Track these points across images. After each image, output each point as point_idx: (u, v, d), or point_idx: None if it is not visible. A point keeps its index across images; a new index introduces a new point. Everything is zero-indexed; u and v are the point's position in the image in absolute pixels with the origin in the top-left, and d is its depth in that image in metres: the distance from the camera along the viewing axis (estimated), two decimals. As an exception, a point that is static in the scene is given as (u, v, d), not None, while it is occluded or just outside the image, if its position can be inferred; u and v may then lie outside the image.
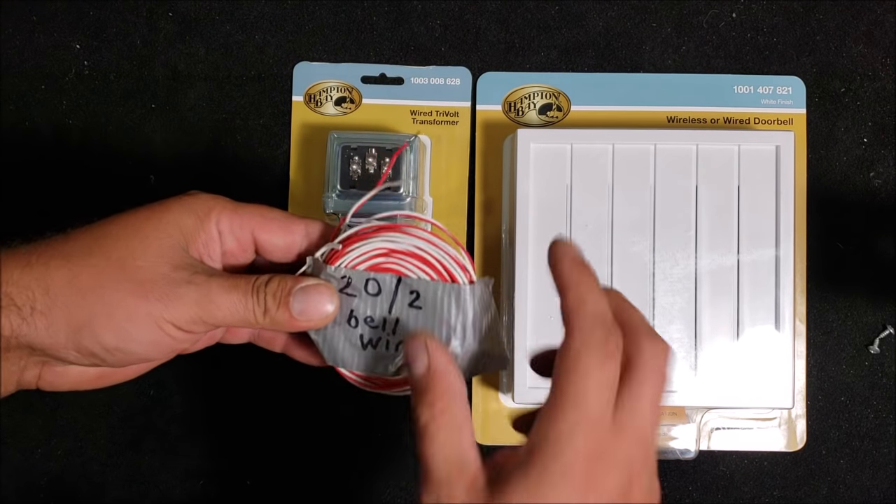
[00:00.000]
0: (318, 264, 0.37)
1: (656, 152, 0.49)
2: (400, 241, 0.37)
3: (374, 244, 0.37)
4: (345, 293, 0.36)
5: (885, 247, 0.52)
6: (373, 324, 0.37)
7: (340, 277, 0.36)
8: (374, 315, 0.37)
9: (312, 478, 0.52)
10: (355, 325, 0.37)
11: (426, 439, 0.31)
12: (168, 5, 0.54)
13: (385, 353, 0.37)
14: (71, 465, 0.52)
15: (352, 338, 0.37)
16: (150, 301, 0.33)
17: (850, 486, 0.52)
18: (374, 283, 0.36)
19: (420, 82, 0.53)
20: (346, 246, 0.37)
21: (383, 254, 0.37)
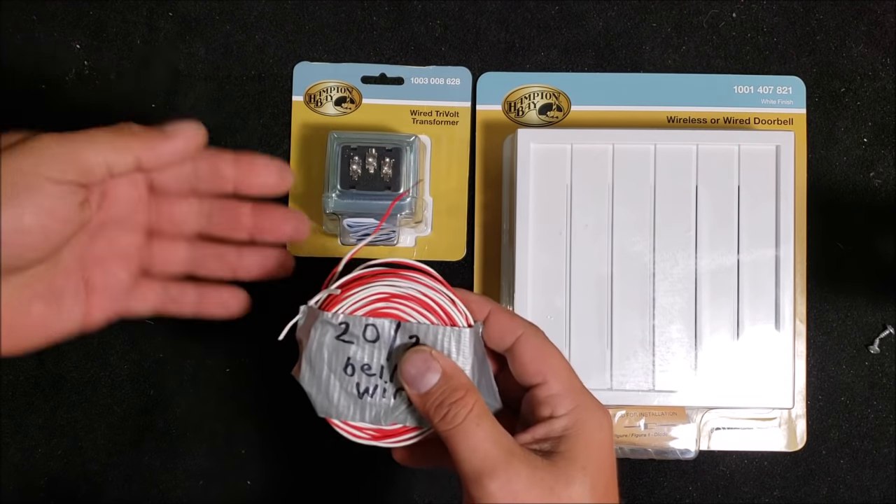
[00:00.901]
0: (313, 311, 0.36)
1: (656, 152, 0.49)
2: (400, 286, 0.36)
3: (375, 289, 0.36)
4: (342, 340, 0.35)
5: (885, 247, 0.52)
6: (370, 371, 0.36)
7: (338, 324, 0.35)
8: (371, 362, 0.36)
9: (312, 478, 0.52)
10: (352, 373, 0.36)
11: (471, 433, 0.33)
12: (168, 5, 0.54)
13: (382, 401, 0.36)
14: (71, 465, 0.52)
15: (348, 386, 0.36)
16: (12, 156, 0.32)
17: (850, 486, 0.52)
18: (373, 329, 0.36)
19: (420, 82, 0.53)
20: (344, 291, 0.36)
21: (383, 298, 0.36)
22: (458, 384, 0.34)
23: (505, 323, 0.36)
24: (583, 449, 0.34)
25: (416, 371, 0.34)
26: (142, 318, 0.40)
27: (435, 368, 0.34)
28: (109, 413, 0.52)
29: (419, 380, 0.34)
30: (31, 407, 0.52)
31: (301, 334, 0.37)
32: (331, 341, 0.36)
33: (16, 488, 0.52)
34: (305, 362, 0.36)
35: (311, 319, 0.36)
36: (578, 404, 0.35)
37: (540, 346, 0.36)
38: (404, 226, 0.51)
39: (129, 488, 0.52)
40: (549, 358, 0.36)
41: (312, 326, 0.36)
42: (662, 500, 0.52)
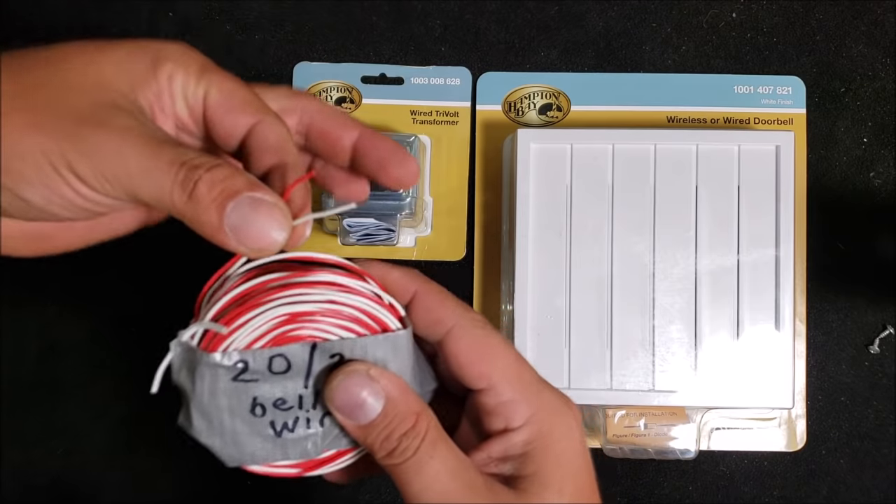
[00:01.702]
0: (192, 352, 0.28)
1: (656, 152, 0.49)
2: (305, 299, 0.27)
3: (272, 312, 0.27)
4: (241, 380, 0.27)
5: (885, 247, 0.52)
6: (285, 406, 0.28)
7: (233, 364, 0.27)
8: (285, 396, 0.28)
9: (312, 478, 0.52)
10: (262, 413, 0.28)
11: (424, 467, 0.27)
12: (168, 5, 0.54)
13: (307, 432, 0.29)
14: (71, 465, 0.52)
15: (260, 429, 0.28)
16: (46, 136, 0.25)
17: (850, 486, 0.52)
18: (281, 360, 0.28)
19: (420, 82, 0.53)
20: (230, 322, 0.27)
21: (285, 321, 0.27)
22: (407, 409, 0.28)
23: (434, 311, 0.29)
24: (554, 467, 0.28)
25: (353, 400, 0.27)
26: None
27: (377, 393, 0.28)
28: (109, 413, 0.52)
29: (357, 411, 0.28)
30: (31, 408, 0.52)
31: (181, 378, 0.29)
32: (227, 385, 0.28)
33: (16, 488, 0.52)
34: (196, 413, 0.29)
35: (191, 359, 0.28)
36: (537, 409, 0.29)
37: (478, 341, 0.29)
38: (404, 226, 0.51)
39: (128, 488, 0.52)
40: (491, 354, 0.29)
41: (196, 371, 0.28)
42: (662, 500, 0.52)
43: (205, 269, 0.51)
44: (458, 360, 0.29)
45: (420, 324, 0.30)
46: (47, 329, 0.52)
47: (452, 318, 0.29)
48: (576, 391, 0.49)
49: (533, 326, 0.48)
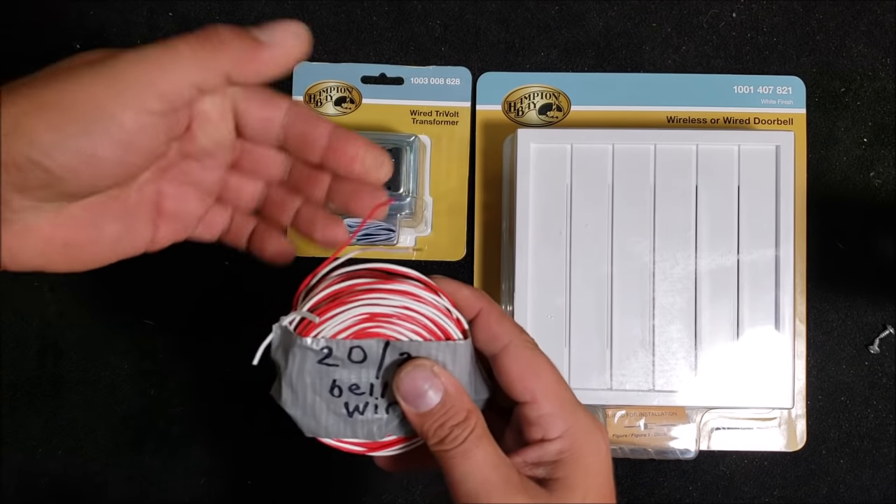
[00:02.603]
0: (289, 334, 0.33)
1: (656, 152, 0.49)
2: (385, 303, 0.33)
3: (356, 310, 0.32)
4: (325, 364, 0.33)
5: (885, 247, 0.52)
6: (358, 391, 0.33)
7: (319, 349, 0.32)
8: (359, 382, 0.33)
9: (313, 478, 0.52)
10: (339, 394, 0.33)
11: (471, 455, 0.31)
12: (168, 5, 0.54)
13: (374, 416, 0.33)
14: (71, 465, 0.52)
15: (336, 407, 0.33)
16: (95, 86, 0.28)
17: (850, 486, 0.52)
18: (359, 351, 0.33)
19: (420, 82, 0.53)
20: (322, 313, 0.32)
21: (366, 318, 0.33)
22: (461, 405, 0.32)
23: (494, 328, 0.34)
24: (582, 476, 0.32)
25: (416, 390, 0.32)
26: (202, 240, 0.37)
27: (437, 387, 0.32)
28: (110, 413, 0.52)
29: (419, 399, 0.32)
30: (32, 407, 0.52)
31: (277, 355, 0.34)
32: (313, 366, 0.33)
33: (16, 488, 0.52)
34: (286, 386, 0.33)
35: (287, 341, 0.33)
36: (571, 425, 0.33)
37: (528, 360, 0.33)
38: (404, 226, 0.51)
39: (129, 488, 0.52)
40: (538, 372, 0.33)
41: (290, 351, 0.33)
42: (662, 500, 0.52)
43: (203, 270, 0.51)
44: (509, 374, 0.33)
45: (481, 337, 0.34)
46: (47, 329, 0.52)
47: (508, 336, 0.33)
48: (576, 391, 0.48)
49: (533, 326, 0.48)
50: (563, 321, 0.49)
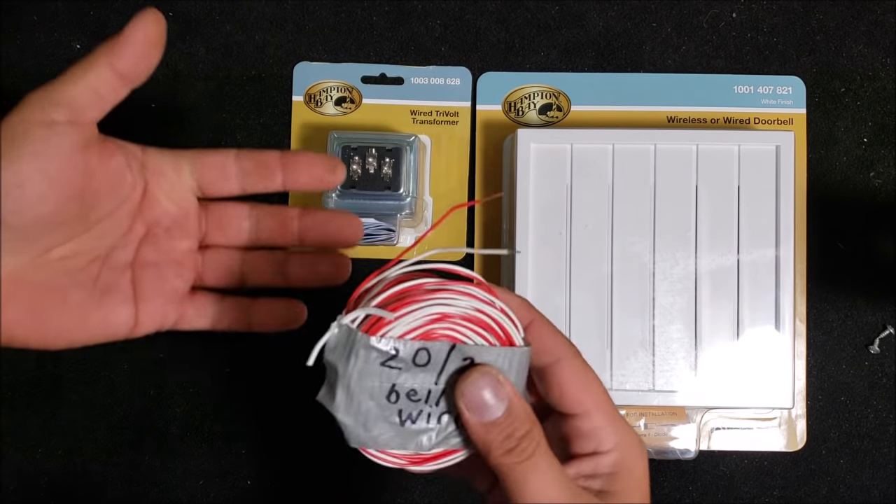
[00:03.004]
0: (352, 333, 0.30)
1: (656, 152, 0.49)
2: (455, 304, 0.31)
3: (428, 310, 0.31)
4: (388, 366, 0.30)
5: (885, 247, 0.52)
6: (415, 397, 0.31)
7: (388, 350, 0.30)
8: (418, 388, 0.31)
9: (313, 478, 0.52)
10: (395, 400, 0.31)
11: (541, 472, 0.31)
12: (168, 5, 0.54)
13: (425, 426, 0.32)
14: (71, 465, 0.52)
15: (389, 415, 0.31)
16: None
17: (850, 486, 0.52)
18: (424, 354, 0.31)
19: (420, 82, 0.53)
20: (395, 309, 0.30)
21: (437, 319, 0.31)
22: (525, 416, 0.31)
23: (546, 340, 0.33)
24: (634, 487, 0.33)
25: (482, 398, 0.31)
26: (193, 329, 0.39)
27: (503, 396, 0.31)
28: (109, 413, 0.52)
29: (485, 409, 0.31)
30: (31, 407, 0.52)
31: (334, 357, 0.31)
32: (376, 368, 0.31)
33: (16, 488, 0.52)
34: (342, 391, 0.31)
35: (347, 340, 0.31)
36: (623, 438, 0.33)
37: (581, 373, 0.33)
38: (404, 226, 0.51)
39: (129, 488, 0.52)
40: (590, 386, 0.33)
41: (352, 351, 0.30)
42: (662, 500, 0.52)
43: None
44: (561, 387, 0.33)
45: (534, 347, 0.33)
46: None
47: (562, 349, 0.33)
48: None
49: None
50: (562, 321, 0.49)
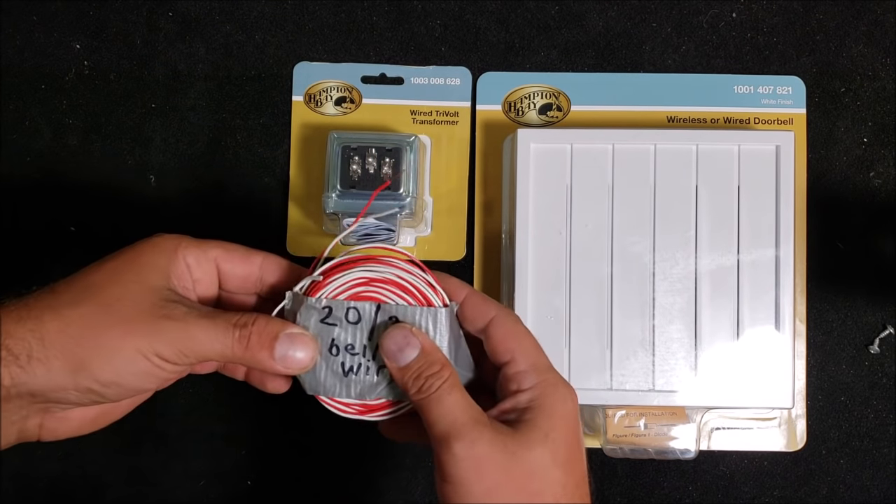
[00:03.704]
0: (298, 298, 0.38)
1: (656, 152, 0.49)
2: (379, 270, 0.38)
3: (354, 274, 0.38)
4: (326, 323, 0.38)
5: (885, 247, 0.52)
6: (353, 351, 0.38)
7: (322, 308, 0.38)
8: (354, 343, 0.38)
9: (313, 478, 0.52)
10: (336, 353, 0.38)
11: (443, 400, 0.35)
12: (168, 5, 0.54)
13: (365, 378, 0.38)
14: (71, 466, 0.52)
15: (333, 366, 0.38)
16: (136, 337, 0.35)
17: (850, 486, 0.52)
18: (355, 312, 0.38)
19: (420, 82, 0.53)
20: (326, 277, 0.38)
21: (363, 283, 0.38)
22: (435, 359, 0.36)
23: (479, 306, 0.39)
24: (546, 418, 0.36)
25: (396, 346, 0.36)
26: None
27: (414, 344, 0.36)
28: (109, 413, 0.52)
29: (399, 354, 0.36)
30: (31, 407, 0.52)
31: (289, 319, 0.38)
32: (315, 325, 0.38)
33: (16, 489, 0.52)
34: None
35: (296, 305, 0.38)
36: (543, 379, 0.37)
37: (511, 328, 0.38)
38: (404, 226, 0.51)
39: (128, 489, 0.52)
40: (518, 338, 0.38)
41: (299, 311, 0.38)
42: (662, 500, 0.52)
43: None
44: (494, 340, 0.38)
45: (470, 316, 0.39)
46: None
47: (495, 310, 0.38)
48: (576, 391, 0.48)
49: (533, 326, 0.48)
50: (562, 321, 0.49)
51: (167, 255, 0.38)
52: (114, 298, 0.36)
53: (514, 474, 0.34)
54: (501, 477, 0.34)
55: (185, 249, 0.38)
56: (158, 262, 0.37)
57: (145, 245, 0.38)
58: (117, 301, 0.36)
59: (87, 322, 0.35)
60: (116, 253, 0.38)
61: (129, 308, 0.35)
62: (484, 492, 0.34)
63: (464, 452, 0.34)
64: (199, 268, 0.39)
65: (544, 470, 0.35)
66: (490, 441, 0.34)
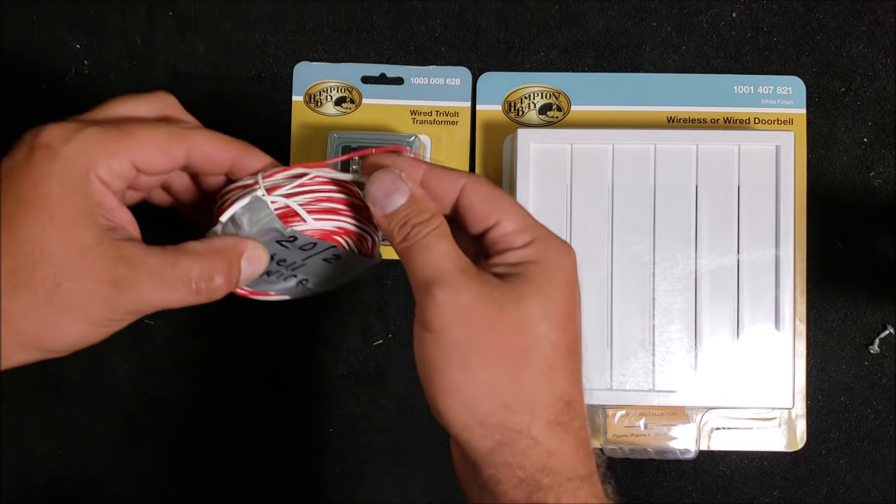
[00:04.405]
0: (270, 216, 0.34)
1: (656, 152, 0.49)
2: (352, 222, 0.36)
3: (335, 224, 0.36)
4: (280, 244, 0.35)
5: (885, 247, 0.52)
6: (284, 265, 0.36)
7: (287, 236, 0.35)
8: (287, 258, 0.36)
9: (313, 479, 0.52)
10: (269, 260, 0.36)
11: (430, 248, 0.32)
12: (168, 4, 0.54)
13: (277, 283, 0.37)
14: (71, 465, 0.52)
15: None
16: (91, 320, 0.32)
17: (850, 486, 0.52)
18: (312, 244, 0.35)
19: (420, 82, 0.53)
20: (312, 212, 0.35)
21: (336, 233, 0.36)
22: (425, 207, 0.34)
23: (443, 177, 0.35)
24: (540, 272, 0.33)
25: (384, 192, 0.34)
26: None
27: (402, 190, 0.34)
28: (109, 413, 0.52)
29: (385, 200, 0.34)
30: (31, 407, 0.52)
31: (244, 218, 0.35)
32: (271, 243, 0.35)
33: (16, 488, 0.52)
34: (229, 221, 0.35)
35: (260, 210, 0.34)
36: (537, 237, 0.34)
37: (487, 191, 0.34)
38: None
39: (128, 488, 0.52)
40: (498, 200, 0.34)
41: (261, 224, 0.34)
42: (662, 500, 0.52)
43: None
44: (472, 208, 0.34)
45: (438, 192, 0.35)
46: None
47: (463, 178, 0.35)
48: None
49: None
50: (563, 321, 0.49)
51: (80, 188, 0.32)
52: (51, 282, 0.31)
53: (500, 326, 0.31)
54: (486, 328, 0.31)
55: (95, 167, 0.32)
56: (75, 205, 0.31)
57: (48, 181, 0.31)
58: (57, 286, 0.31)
59: (34, 316, 0.31)
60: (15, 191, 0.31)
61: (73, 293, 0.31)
62: (466, 341, 0.31)
63: (448, 299, 0.31)
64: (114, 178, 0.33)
65: (534, 325, 0.32)
66: (477, 292, 0.31)
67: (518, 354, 0.31)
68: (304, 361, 0.52)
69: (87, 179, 0.32)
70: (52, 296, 0.31)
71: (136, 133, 0.33)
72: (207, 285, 0.33)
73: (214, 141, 0.35)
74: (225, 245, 0.34)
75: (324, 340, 0.52)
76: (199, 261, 0.33)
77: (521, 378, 0.31)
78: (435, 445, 0.52)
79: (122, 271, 0.31)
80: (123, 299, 0.32)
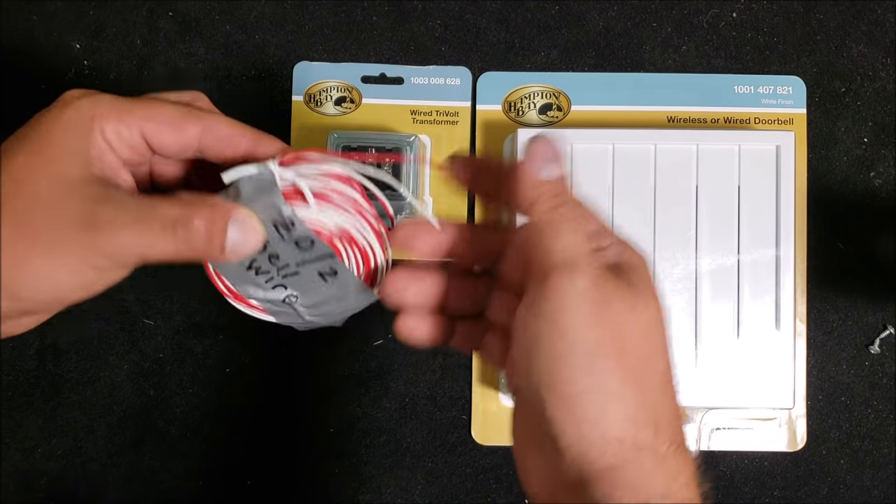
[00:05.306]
0: (276, 192, 0.33)
1: (656, 152, 0.49)
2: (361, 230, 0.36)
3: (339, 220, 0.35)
4: (277, 230, 0.33)
5: (886, 247, 0.52)
6: (276, 262, 0.35)
7: (287, 224, 0.33)
8: (280, 255, 0.34)
9: (312, 479, 0.52)
10: (262, 250, 0.35)
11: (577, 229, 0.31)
12: (168, 5, 0.54)
13: (260, 280, 0.35)
14: (71, 465, 0.52)
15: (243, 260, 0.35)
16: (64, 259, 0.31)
17: (850, 486, 0.52)
18: (310, 243, 0.34)
19: (420, 82, 0.53)
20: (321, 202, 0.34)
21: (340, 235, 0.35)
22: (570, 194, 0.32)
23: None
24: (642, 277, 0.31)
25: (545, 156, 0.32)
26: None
27: (561, 164, 0.32)
28: (109, 413, 0.52)
29: (545, 164, 0.32)
30: (31, 407, 0.52)
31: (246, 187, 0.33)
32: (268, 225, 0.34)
33: (16, 488, 0.52)
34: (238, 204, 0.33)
35: (265, 187, 0.33)
36: (616, 239, 0.33)
37: None
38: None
39: (128, 488, 0.52)
40: None
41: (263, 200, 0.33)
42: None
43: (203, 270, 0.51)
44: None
45: None
46: (47, 329, 0.52)
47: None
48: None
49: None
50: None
51: (81, 133, 0.32)
52: (27, 211, 0.30)
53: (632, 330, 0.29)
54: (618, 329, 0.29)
55: (102, 121, 0.32)
56: (71, 145, 0.31)
57: (53, 123, 0.32)
58: (32, 215, 0.30)
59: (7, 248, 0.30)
60: (21, 133, 0.32)
61: (46, 223, 0.30)
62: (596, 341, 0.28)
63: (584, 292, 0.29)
64: (122, 143, 0.33)
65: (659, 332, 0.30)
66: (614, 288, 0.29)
67: (644, 362, 0.29)
68: (305, 361, 0.52)
69: (90, 130, 0.32)
70: (25, 224, 0.30)
71: (151, 106, 0.33)
72: (185, 227, 0.31)
73: (231, 124, 0.34)
74: (215, 201, 0.32)
75: (324, 340, 0.52)
76: (181, 204, 0.31)
77: (646, 388, 0.29)
78: (436, 446, 0.52)
79: (99, 209, 0.30)
80: (100, 240, 0.30)
